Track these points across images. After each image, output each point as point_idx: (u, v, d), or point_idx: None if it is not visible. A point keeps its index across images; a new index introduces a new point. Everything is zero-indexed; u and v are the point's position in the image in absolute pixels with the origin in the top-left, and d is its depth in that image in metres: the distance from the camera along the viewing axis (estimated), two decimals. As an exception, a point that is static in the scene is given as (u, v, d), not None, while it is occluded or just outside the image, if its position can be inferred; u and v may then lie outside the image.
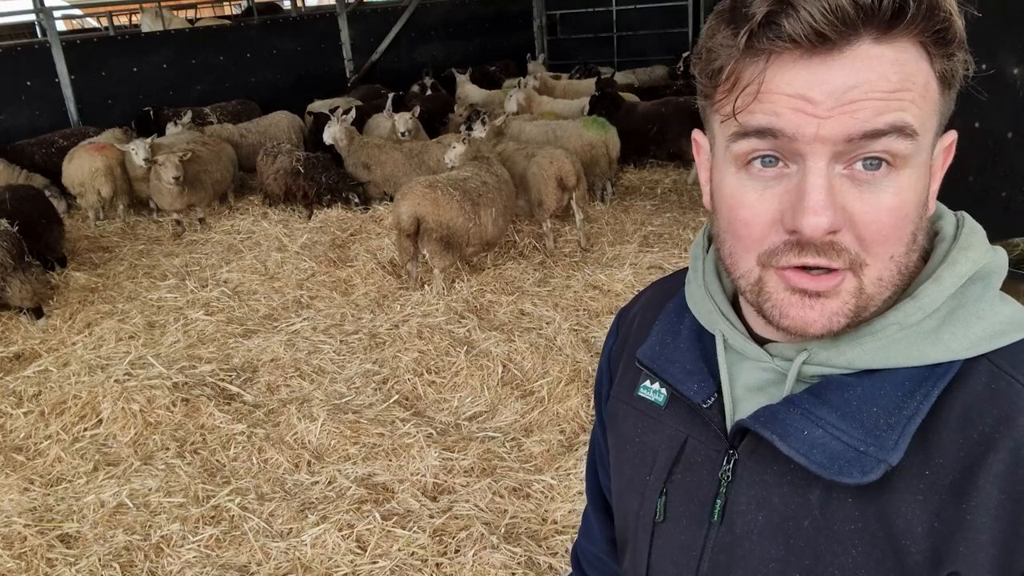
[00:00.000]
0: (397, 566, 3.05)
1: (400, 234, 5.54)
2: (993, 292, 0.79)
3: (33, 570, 3.15)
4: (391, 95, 9.33)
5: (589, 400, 4.09)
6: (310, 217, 7.40)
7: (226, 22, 14.31)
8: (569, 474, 3.54)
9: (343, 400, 4.33)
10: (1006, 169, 3.99)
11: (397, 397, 4.33)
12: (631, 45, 13.90)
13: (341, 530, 3.24)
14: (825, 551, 0.79)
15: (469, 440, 3.87)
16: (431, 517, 3.30)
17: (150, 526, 3.39)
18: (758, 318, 0.84)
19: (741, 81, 0.73)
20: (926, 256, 0.82)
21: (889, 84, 0.69)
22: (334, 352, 4.88)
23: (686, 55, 11.07)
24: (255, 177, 8.25)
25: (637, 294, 1.15)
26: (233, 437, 4.00)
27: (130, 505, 3.52)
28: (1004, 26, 3.79)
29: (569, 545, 3.12)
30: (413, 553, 3.11)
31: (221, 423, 4.11)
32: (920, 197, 0.75)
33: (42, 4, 10.23)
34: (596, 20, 14.05)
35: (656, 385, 0.97)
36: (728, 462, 0.87)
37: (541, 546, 3.15)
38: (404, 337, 4.91)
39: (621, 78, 11.05)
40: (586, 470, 1.24)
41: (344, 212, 7.29)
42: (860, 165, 0.71)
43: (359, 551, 3.15)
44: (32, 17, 13.10)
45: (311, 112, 9.44)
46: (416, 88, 10.89)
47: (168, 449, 3.93)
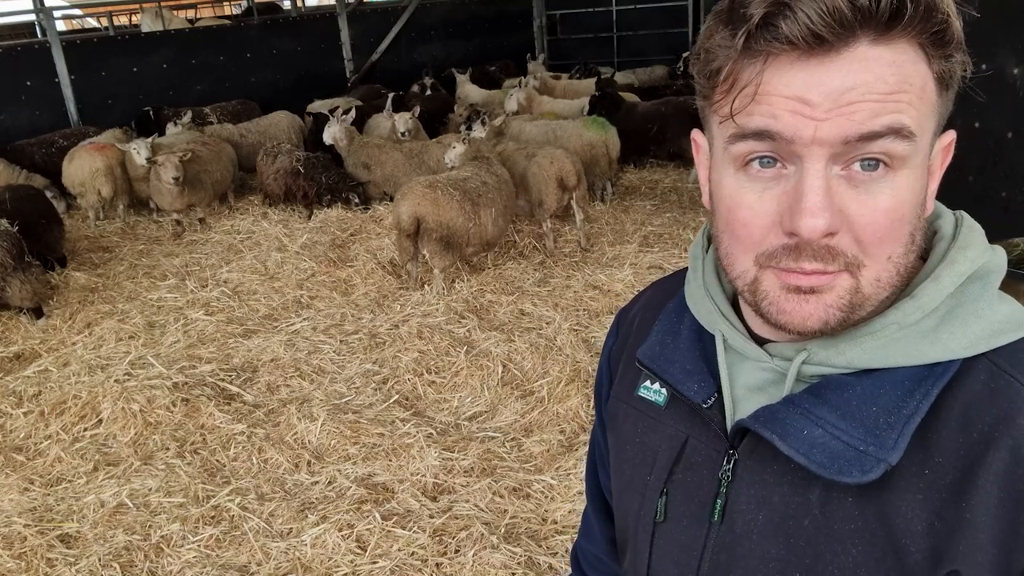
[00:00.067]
0: (397, 566, 3.05)
1: (400, 234, 5.54)
2: (992, 291, 0.79)
3: (33, 570, 3.15)
4: (391, 95, 9.33)
5: (589, 400, 4.09)
6: (310, 217, 7.40)
7: (226, 22, 14.31)
8: (569, 474, 3.55)
9: (343, 400, 4.33)
10: (1006, 169, 3.99)
11: (397, 397, 4.33)
12: (631, 45, 13.90)
13: (341, 530, 3.24)
14: (825, 550, 0.79)
15: (469, 440, 3.87)
16: (431, 517, 3.30)
17: (150, 526, 3.39)
18: (757, 318, 0.84)
19: (739, 82, 0.73)
20: (925, 255, 0.83)
21: (886, 86, 0.69)
22: (334, 352, 4.88)
23: (686, 55, 11.04)
24: (255, 177, 8.25)
25: (637, 294, 1.15)
26: (233, 437, 4.00)
27: (130, 505, 3.52)
28: (1004, 26, 3.79)
29: (569, 545, 3.12)
30: (413, 553, 3.11)
31: (221, 423, 4.11)
32: (918, 198, 0.75)
33: (42, 4, 10.23)
34: (596, 20, 14.05)
35: (656, 385, 0.97)
36: (728, 462, 0.87)
37: (541, 546, 3.15)
38: (404, 337, 4.91)
39: (621, 78, 11.05)
40: (586, 470, 1.24)
41: (344, 212, 7.29)
42: (858, 166, 0.72)
43: (359, 551, 3.15)
44: (32, 17, 13.10)
45: (310, 112, 9.44)
46: (416, 88, 10.89)
47: (168, 449, 3.93)
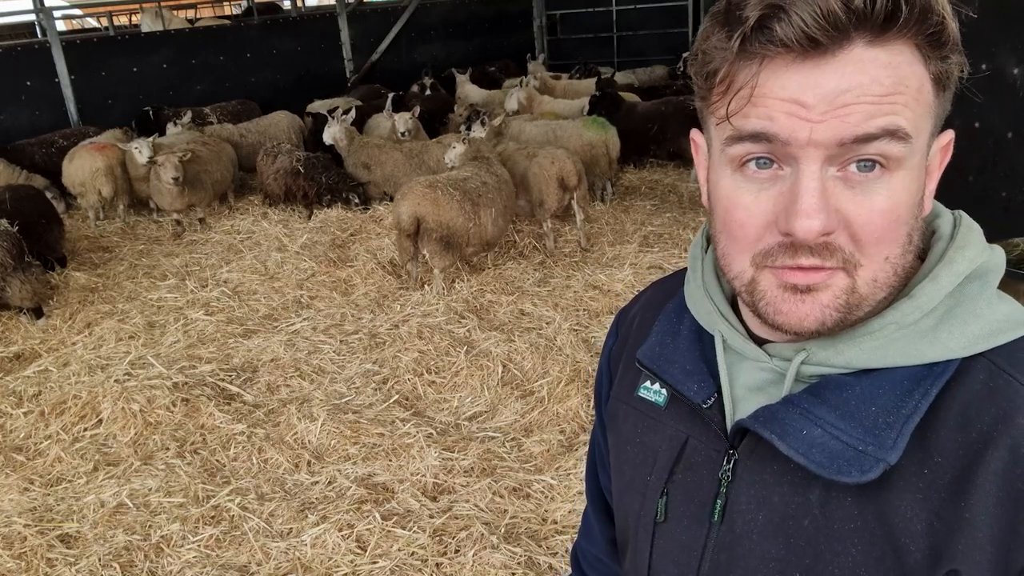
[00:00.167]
0: (397, 566, 3.05)
1: (400, 234, 5.54)
2: (990, 291, 0.79)
3: (33, 570, 3.15)
4: (391, 95, 9.33)
5: (589, 400, 4.09)
6: (310, 217, 7.40)
7: (226, 22, 14.32)
8: (569, 474, 3.55)
9: (343, 400, 4.33)
10: (1006, 169, 3.99)
11: (397, 397, 4.33)
12: (631, 45, 13.90)
13: (341, 530, 3.24)
14: (825, 550, 0.79)
15: (469, 440, 3.87)
16: (431, 517, 3.30)
17: (150, 526, 3.39)
18: (755, 318, 0.84)
19: (735, 84, 0.73)
20: (923, 255, 0.83)
21: (882, 88, 0.69)
22: (334, 352, 4.88)
23: (686, 55, 11.04)
24: (255, 177, 8.25)
25: (637, 294, 1.15)
26: (233, 437, 4.00)
27: (130, 505, 3.52)
28: (1004, 26, 3.79)
29: (569, 545, 3.12)
30: (413, 553, 3.11)
31: (221, 423, 4.11)
32: (914, 198, 0.75)
33: (42, 4, 10.23)
34: (596, 20, 14.05)
35: (656, 385, 0.98)
36: (728, 462, 0.87)
37: (541, 546, 3.15)
38: (404, 337, 4.91)
39: (621, 78, 11.05)
40: (586, 471, 1.24)
41: (344, 212, 7.29)
42: (854, 167, 0.72)
43: (359, 551, 3.15)
44: (32, 17, 13.10)
45: (310, 112, 9.44)
46: (416, 88, 10.90)
47: (168, 449, 3.93)
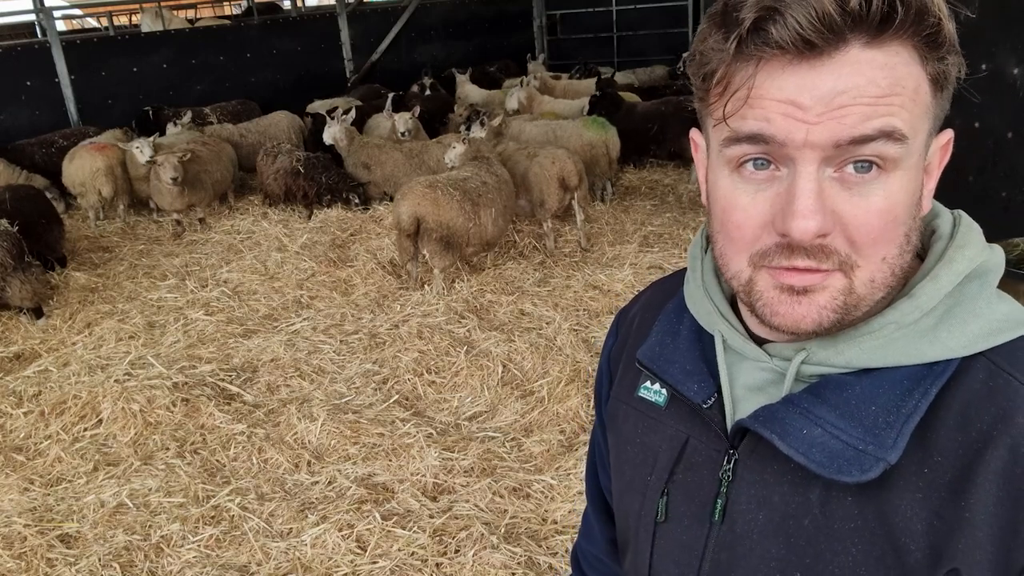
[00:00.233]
0: (397, 566, 3.05)
1: (400, 234, 5.54)
2: (990, 290, 0.79)
3: (33, 570, 3.15)
4: (391, 95, 9.33)
5: (589, 400, 4.09)
6: (310, 217, 7.40)
7: (226, 22, 14.32)
8: (569, 474, 3.55)
9: (343, 400, 4.33)
10: (1006, 169, 3.99)
11: (397, 397, 4.33)
12: (631, 45, 13.90)
13: (341, 530, 3.24)
14: (825, 549, 0.79)
15: (469, 440, 3.87)
16: (431, 517, 3.30)
17: (150, 526, 3.39)
18: (754, 318, 0.84)
19: (732, 86, 0.73)
20: (922, 254, 0.83)
21: (878, 89, 0.69)
22: (334, 352, 4.88)
23: (686, 55, 11.03)
24: (255, 177, 8.25)
25: (636, 295, 1.15)
26: (233, 437, 4.00)
27: (130, 505, 3.52)
28: (1004, 26, 3.79)
29: (569, 545, 3.12)
30: (413, 553, 3.11)
31: (221, 423, 4.11)
32: (912, 199, 0.75)
33: (42, 4, 10.23)
34: (596, 20, 14.05)
35: (656, 386, 0.98)
36: (728, 462, 0.87)
37: (541, 546, 3.15)
38: (404, 337, 4.91)
39: (621, 78, 11.04)
40: (586, 471, 1.24)
41: (344, 212, 7.29)
42: (851, 168, 0.72)
43: (359, 551, 3.15)
44: (32, 17, 13.10)
45: (309, 113, 9.44)
46: (416, 88, 10.89)
47: (168, 449, 3.94)
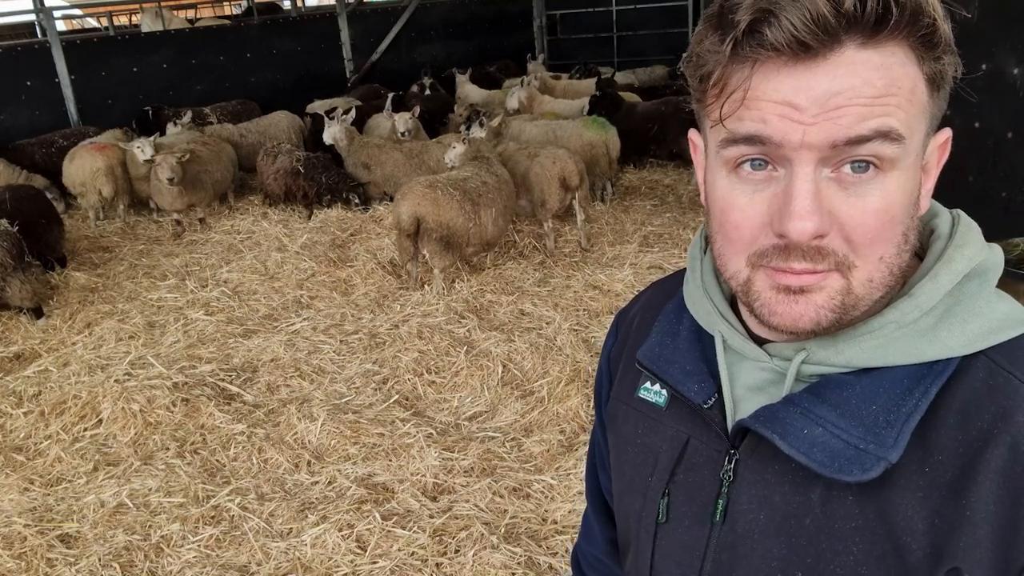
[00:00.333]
0: (397, 566, 3.05)
1: (400, 234, 5.54)
2: (989, 289, 0.79)
3: (33, 570, 3.15)
4: (391, 95, 9.34)
5: (589, 400, 4.09)
6: (310, 217, 7.40)
7: (226, 22, 14.32)
8: (569, 474, 3.55)
9: (343, 400, 4.33)
10: (1006, 169, 3.99)
11: (397, 397, 4.33)
12: (631, 45, 13.90)
13: (341, 530, 3.24)
14: (827, 549, 0.79)
15: (469, 440, 3.87)
16: (431, 517, 3.30)
17: (150, 526, 3.39)
18: (754, 318, 0.85)
19: (728, 87, 0.74)
20: (921, 254, 0.83)
21: (874, 89, 0.69)
22: (334, 352, 4.88)
23: (685, 55, 11.04)
24: (255, 177, 8.25)
25: (636, 295, 1.15)
26: (233, 437, 4.00)
27: (130, 505, 3.52)
28: (1004, 26, 3.79)
29: (569, 545, 3.12)
30: (413, 553, 3.11)
31: (221, 423, 4.11)
32: (909, 198, 0.75)
33: (42, 4, 10.23)
34: (596, 20, 14.04)
35: (656, 386, 0.98)
36: (729, 462, 0.87)
37: (541, 546, 3.15)
38: (404, 337, 4.91)
39: (621, 78, 11.05)
40: (586, 471, 1.23)
41: (344, 212, 7.29)
42: (847, 168, 0.72)
43: (359, 551, 3.15)
44: (32, 17, 13.10)
45: (309, 113, 9.43)
46: (416, 88, 10.89)
47: (168, 449, 3.94)
